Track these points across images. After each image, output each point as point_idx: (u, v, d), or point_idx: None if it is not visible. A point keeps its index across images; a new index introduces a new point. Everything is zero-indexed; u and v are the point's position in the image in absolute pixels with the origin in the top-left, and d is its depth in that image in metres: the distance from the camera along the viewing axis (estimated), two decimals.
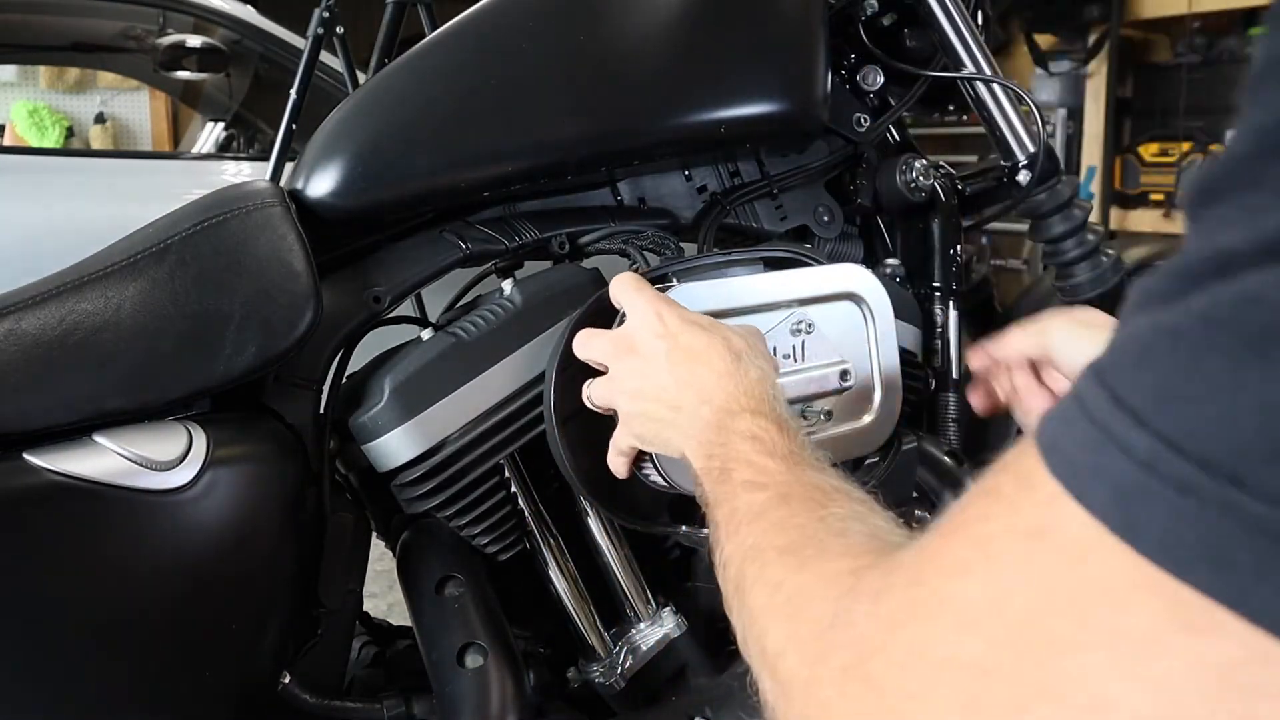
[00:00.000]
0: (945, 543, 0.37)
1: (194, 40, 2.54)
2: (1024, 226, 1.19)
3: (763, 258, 0.92)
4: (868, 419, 0.89)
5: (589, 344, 0.77)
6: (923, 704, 0.35)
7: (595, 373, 0.79)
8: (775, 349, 0.84)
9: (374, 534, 0.96)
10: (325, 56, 2.05)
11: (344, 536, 0.89)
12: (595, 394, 0.77)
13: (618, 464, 0.78)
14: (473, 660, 0.87)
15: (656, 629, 0.94)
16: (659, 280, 0.84)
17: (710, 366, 0.68)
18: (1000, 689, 0.32)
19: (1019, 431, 1.16)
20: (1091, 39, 3.60)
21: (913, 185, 1.07)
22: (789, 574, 0.49)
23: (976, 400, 0.89)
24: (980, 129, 1.12)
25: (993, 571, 0.33)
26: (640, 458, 0.78)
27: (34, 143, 4.08)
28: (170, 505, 0.76)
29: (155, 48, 2.58)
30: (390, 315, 0.94)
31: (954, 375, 1.09)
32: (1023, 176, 1.09)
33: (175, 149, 4.21)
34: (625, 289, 0.77)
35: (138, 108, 4.46)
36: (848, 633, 0.40)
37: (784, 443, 0.62)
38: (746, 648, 0.51)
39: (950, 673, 0.34)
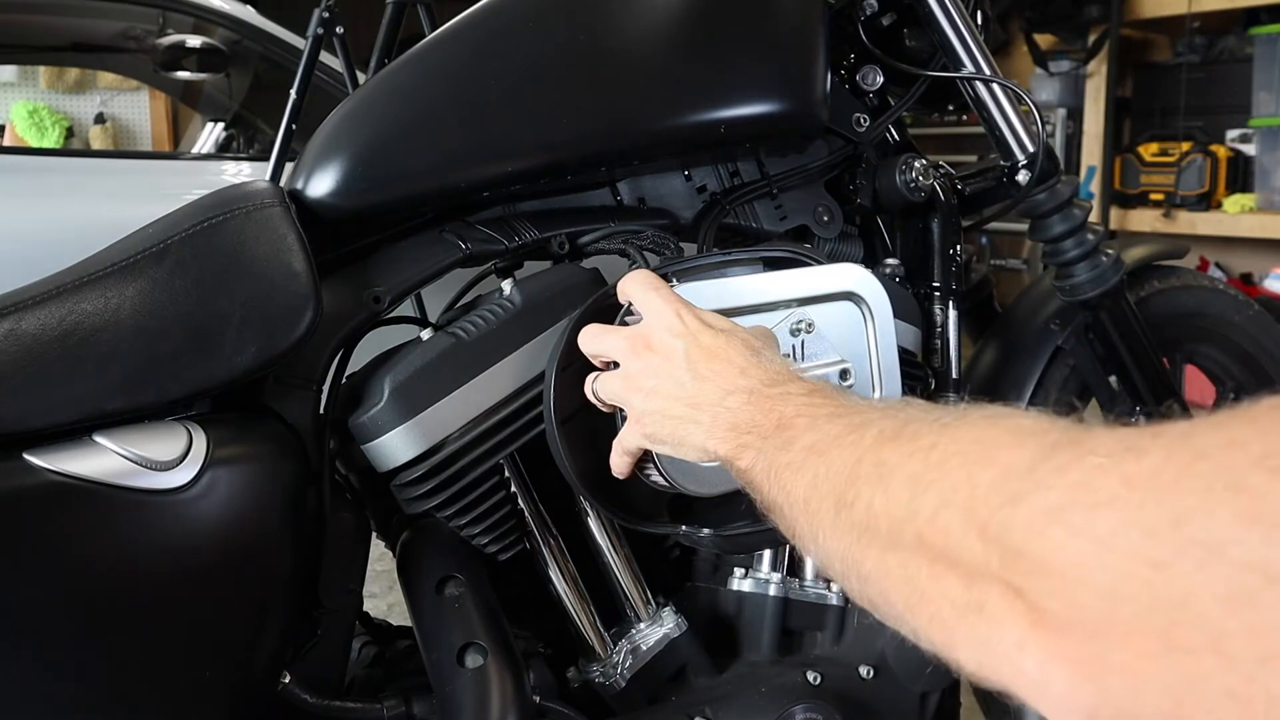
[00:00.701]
0: (1266, 435, 0.32)
1: (194, 40, 2.54)
2: (1024, 226, 1.19)
3: (762, 257, 0.92)
4: None
5: (600, 339, 0.76)
6: (1167, 574, 0.32)
7: (597, 371, 0.79)
8: None
9: (374, 534, 0.96)
10: (325, 56, 2.05)
11: (344, 536, 0.89)
12: (603, 389, 0.76)
13: (622, 464, 0.77)
14: (473, 660, 0.87)
15: (656, 629, 0.94)
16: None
17: (731, 362, 0.67)
18: None
19: None
20: (1091, 39, 3.61)
21: (912, 185, 1.07)
22: (945, 435, 0.45)
23: None
24: (980, 129, 1.12)
25: None
26: (642, 458, 0.78)
27: (34, 143, 4.08)
28: (170, 505, 0.76)
29: (155, 48, 2.57)
30: (390, 315, 0.94)
31: (954, 375, 1.09)
32: (1022, 176, 1.09)
33: (175, 149, 4.21)
34: (641, 287, 0.76)
35: (138, 108, 4.46)
36: (1060, 477, 0.37)
37: (852, 393, 0.61)
38: (861, 546, 0.47)
39: (1219, 561, 0.31)
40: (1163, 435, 0.35)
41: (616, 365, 0.75)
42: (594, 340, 0.77)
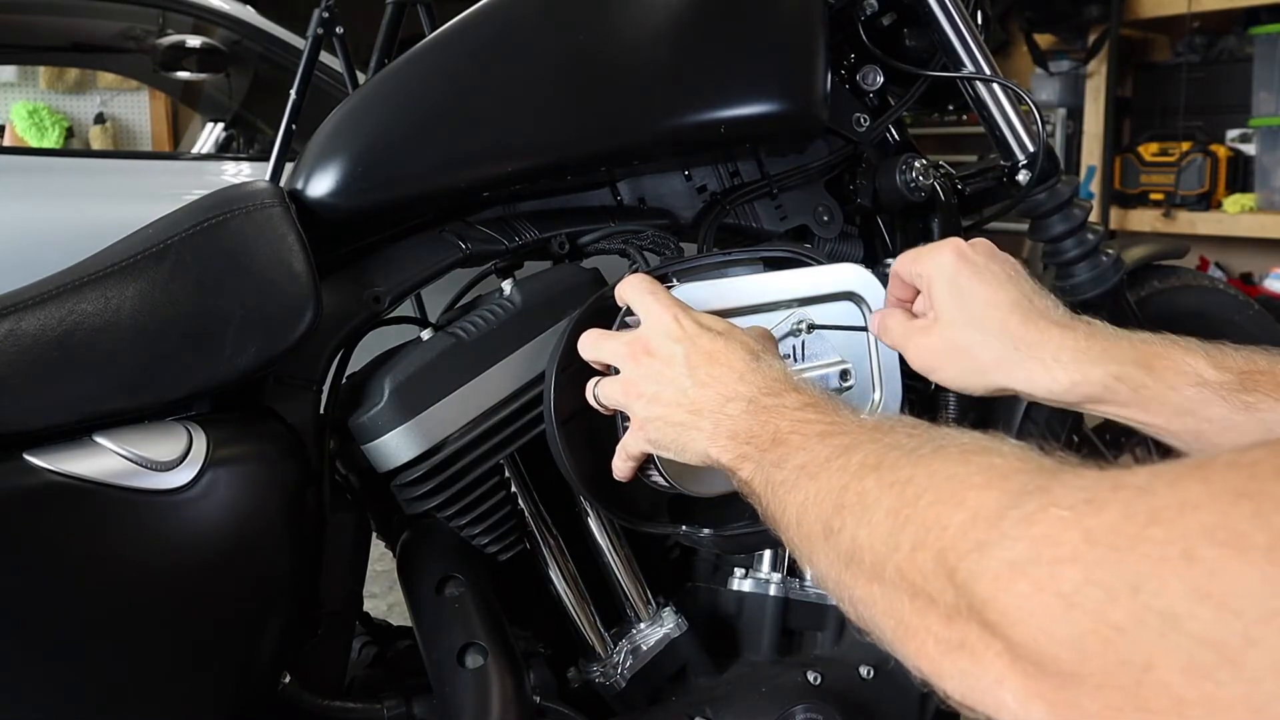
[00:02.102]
0: (1217, 503, 0.33)
1: (194, 40, 2.54)
2: (1024, 226, 1.19)
3: (762, 257, 0.92)
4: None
5: (599, 345, 0.76)
6: (1130, 639, 0.33)
7: (596, 372, 0.79)
8: None
9: (374, 534, 0.96)
10: (325, 56, 2.05)
11: (344, 536, 0.89)
12: (605, 394, 0.75)
13: (625, 468, 0.77)
14: (473, 660, 0.87)
15: (657, 629, 0.94)
16: (659, 280, 0.84)
17: (731, 367, 0.67)
18: (1236, 682, 0.30)
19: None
20: (1091, 39, 3.60)
21: (912, 185, 1.07)
22: (921, 469, 0.46)
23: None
24: (980, 129, 1.12)
25: None
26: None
27: (34, 143, 4.08)
28: (170, 505, 0.76)
29: (155, 48, 2.57)
30: (390, 315, 0.94)
31: None
32: (1022, 176, 1.09)
33: (175, 149, 4.21)
34: (639, 291, 0.76)
35: (138, 108, 4.46)
36: (1025, 529, 0.38)
37: (845, 406, 0.61)
38: (850, 574, 0.48)
39: (1177, 634, 0.31)
40: (1122, 488, 0.36)
41: (617, 370, 0.75)
42: (593, 346, 0.77)
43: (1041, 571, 0.36)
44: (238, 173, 2.31)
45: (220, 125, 3.07)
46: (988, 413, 1.21)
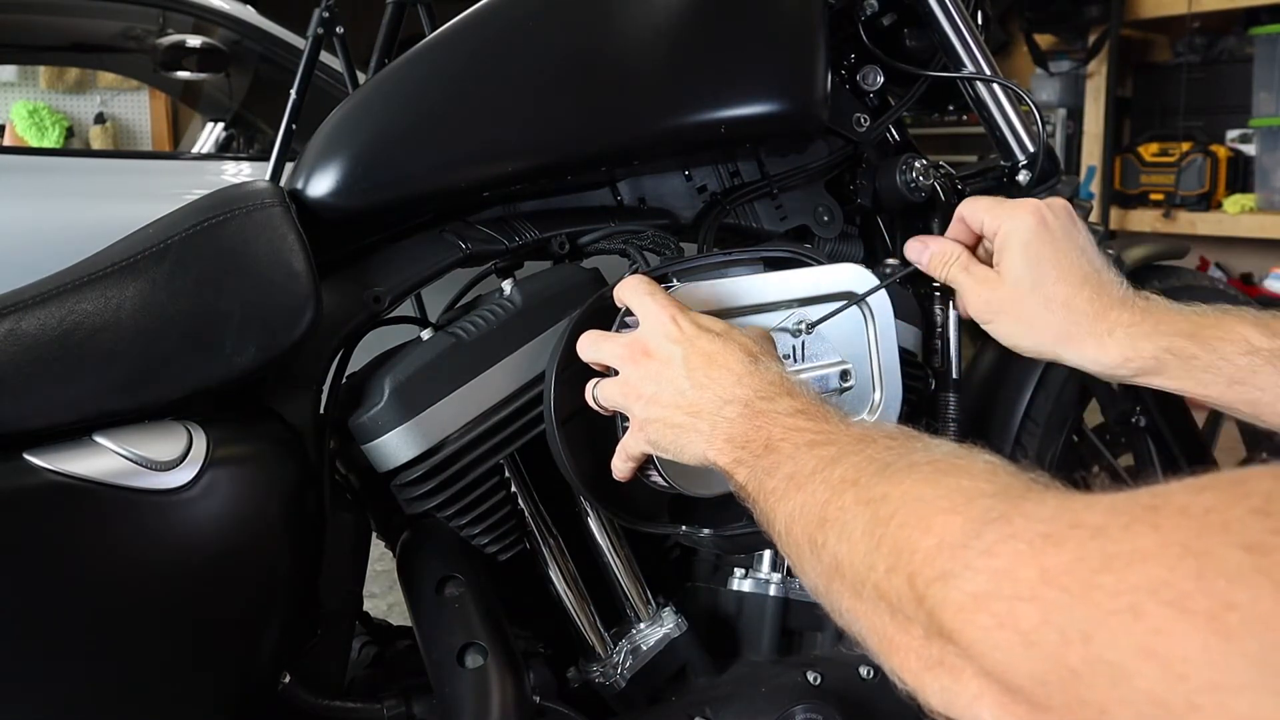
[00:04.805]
0: (1165, 556, 0.33)
1: (194, 40, 2.54)
2: None
3: (763, 257, 0.92)
4: (868, 419, 0.89)
5: (598, 346, 0.77)
6: (1086, 683, 0.33)
7: (596, 372, 0.79)
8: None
9: (374, 534, 0.96)
10: (325, 56, 2.05)
11: (344, 536, 0.89)
12: (604, 395, 0.76)
13: (625, 469, 0.77)
14: (473, 660, 0.87)
15: (657, 629, 0.94)
16: (659, 280, 0.84)
17: (729, 369, 0.67)
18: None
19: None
20: (1091, 39, 3.61)
21: (912, 185, 1.07)
22: (894, 487, 0.47)
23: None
24: (980, 129, 1.12)
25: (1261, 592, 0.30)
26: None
27: (34, 143, 4.08)
28: (170, 505, 0.76)
29: (155, 48, 2.58)
30: (390, 315, 0.94)
31: (954, 375, 1.09)
32: (1023, 176, 1.09)
33: (175, 149, 4.21)
34: (636, 292, 0.76)
35: (138, 108, 4.46)
36: (986, 560, 0.38)
37: (835, 413, 0.61)
38: (835, 587, 0.49)
39: (1128, 687, 0.32)
40: (1079, 526, 0.36)
41: (616, 371, 0.75)
42: (592, 348, 0.77)
43: (1002, 606, 0.37)
44: (238, 173, 2.31)
45: (220, 125, 3.07)
46: (987, 414, 1.21)
